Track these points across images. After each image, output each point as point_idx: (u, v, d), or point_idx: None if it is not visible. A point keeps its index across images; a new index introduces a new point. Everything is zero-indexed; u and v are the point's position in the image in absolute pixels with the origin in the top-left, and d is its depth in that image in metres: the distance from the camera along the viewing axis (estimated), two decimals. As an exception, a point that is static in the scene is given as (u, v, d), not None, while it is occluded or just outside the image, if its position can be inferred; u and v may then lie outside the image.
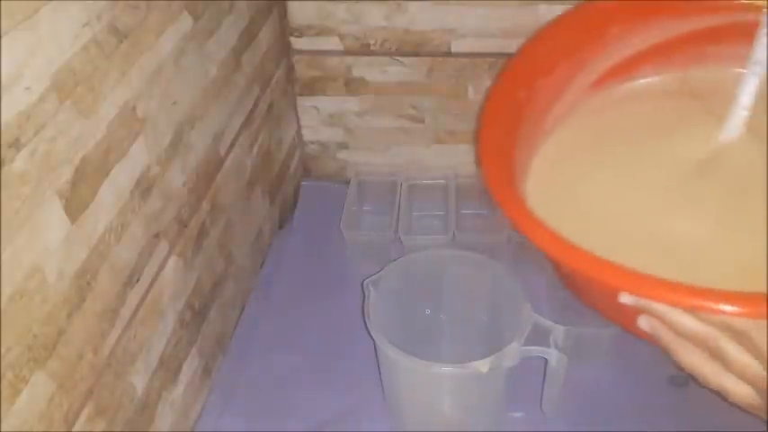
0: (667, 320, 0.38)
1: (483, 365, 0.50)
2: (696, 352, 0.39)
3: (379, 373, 0.60)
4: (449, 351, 0.66)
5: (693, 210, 0.48)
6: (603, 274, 0.39)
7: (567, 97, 0.56)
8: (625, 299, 0.39)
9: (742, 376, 0.37)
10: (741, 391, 0.38)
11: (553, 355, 0.52)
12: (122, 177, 0.48)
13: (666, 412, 0.62)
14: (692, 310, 0.37)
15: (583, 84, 0.56)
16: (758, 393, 0.37)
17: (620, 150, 0.53)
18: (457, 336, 0.66)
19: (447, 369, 0.52)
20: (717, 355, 0.38)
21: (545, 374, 0.55)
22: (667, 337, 0.39)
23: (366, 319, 0.54)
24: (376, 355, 0.58)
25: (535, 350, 0.52)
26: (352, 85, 0.85)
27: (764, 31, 0.48)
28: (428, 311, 0.66)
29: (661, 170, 0.50)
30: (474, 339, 0.64)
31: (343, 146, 0.90)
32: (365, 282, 0.57)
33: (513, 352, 0.52)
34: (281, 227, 0.85)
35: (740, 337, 0.36)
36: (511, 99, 0.52)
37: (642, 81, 0.57)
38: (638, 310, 0.40)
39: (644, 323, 0.40)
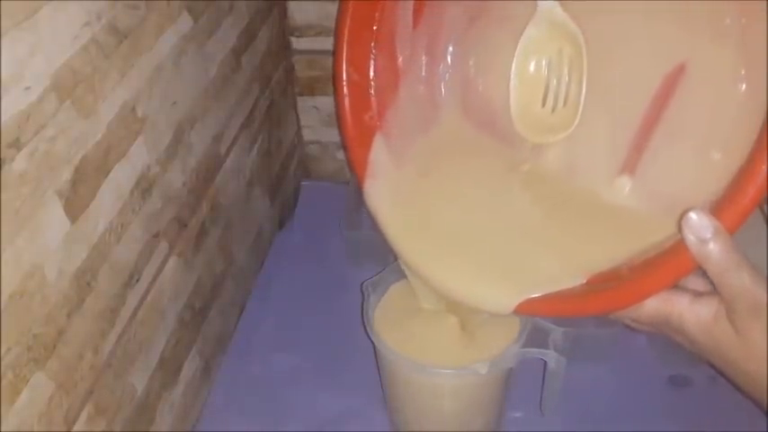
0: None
1: (482, 367, 0.50)
2: None
3: (379, 376, 0.60)
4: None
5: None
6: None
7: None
8: None
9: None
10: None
11: (552, 357, 0.52)
12: (122, 177, 0.48)
13: (666, 412, 0.62)
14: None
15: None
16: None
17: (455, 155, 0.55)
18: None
19: (446, 371, 0.52)
20: None
21: (544, 375, 0.55)
22: None
23: (365, 322, 0.54)
24: (375, 358, 0.58)
25: (534, 352, 0.52)
26: (352, 86, 0.85)
27: None
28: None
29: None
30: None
31: (342, 146, 0.90)
32: (364, 284, 0.57)
33: (512, 354, 0.52)
34: (281, 227, 0.85)
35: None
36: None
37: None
38: None
39: None
